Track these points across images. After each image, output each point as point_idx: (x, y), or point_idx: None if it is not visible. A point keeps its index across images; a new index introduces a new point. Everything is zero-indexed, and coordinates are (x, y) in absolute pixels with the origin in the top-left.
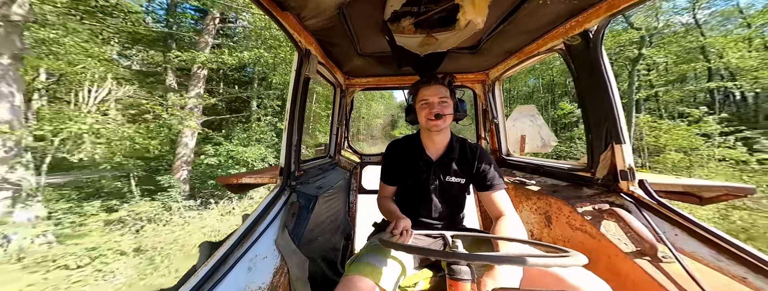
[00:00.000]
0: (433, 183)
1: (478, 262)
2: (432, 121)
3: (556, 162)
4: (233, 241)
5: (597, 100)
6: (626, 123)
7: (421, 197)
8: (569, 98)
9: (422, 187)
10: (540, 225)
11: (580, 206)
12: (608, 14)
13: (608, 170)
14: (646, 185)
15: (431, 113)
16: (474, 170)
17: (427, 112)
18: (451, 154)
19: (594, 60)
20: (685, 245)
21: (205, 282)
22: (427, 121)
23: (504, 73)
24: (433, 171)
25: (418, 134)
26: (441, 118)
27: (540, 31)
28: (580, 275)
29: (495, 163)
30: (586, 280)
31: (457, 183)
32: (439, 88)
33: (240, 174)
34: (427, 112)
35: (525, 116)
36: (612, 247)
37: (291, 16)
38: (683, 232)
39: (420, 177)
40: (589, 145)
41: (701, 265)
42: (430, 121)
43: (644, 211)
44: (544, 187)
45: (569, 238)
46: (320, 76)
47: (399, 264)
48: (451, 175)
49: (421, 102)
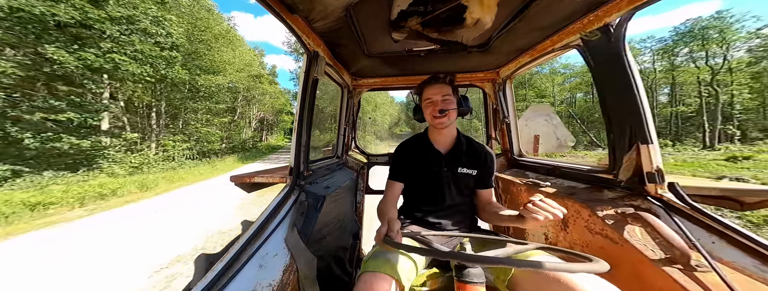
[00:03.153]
0: (446, 174)
1: (487, 264)
2: (437, 118)
3: (574, 163)
4: (246, 239)
5: (620, 98)
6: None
7: (433, 189)
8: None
9: (434, 179)
10: (555, 228)
11: (601, 210)
12: (631, 7)
13: (633, 172)
14: (678, 188)
15: (436, 110)
16: (481, 165)
17: (432, 110)
18: (460, 147)
19: (616, 55)
20: (723, 254)
21: (219, 278)
22: (432, 118)
23: (515, 72)
24: (444, 163)
25: (426, 132)
26: (445, 114)
27: (554, 28)
28: (597, 285)
29: (495, 159)
30: (604, 289)
31: (468, 174)
32: (441, 87)
33: (252, 173)
34: (432, 110)
35: (539, 115)
36: (637, 253)
37: (300, 18)
38: (721, 240)
39: (431, 170)
40: (611, 146)
41: (742, 275)
42: (436, 118)
43: (675, 216)
44: (560, 189)
45: (588, 243)
46: (328, 77)
47: (412, 262)
48: (462, 166)
49: (426, 101)
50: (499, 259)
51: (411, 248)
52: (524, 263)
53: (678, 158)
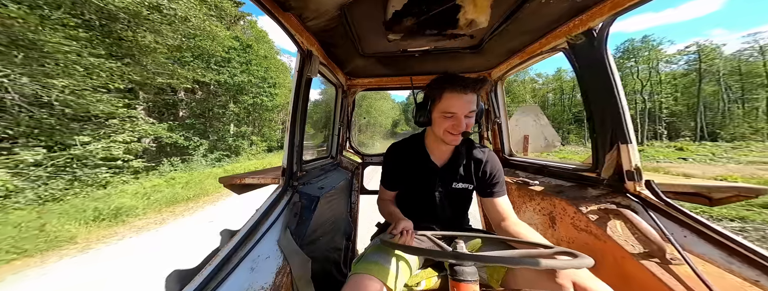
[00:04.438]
0: (438, 190)
1: (479, 262)
2: (452, 136)
3: (561, 162)
4: (236, 242)
5: (602, 99)
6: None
7: (425, 203)
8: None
9: (426, 194)
10: (544, 226)
11: (585, 207)
12: (612, 13)
13: (614, 170)
14: (653, 186)
15: (456, 128)
16: (481, 174)
17: (450, 126)
18: (458, 159)
19: (599, 59)
20: (694, 247)
21: (208, 282)
22: (446, 134)
23: (506, 73)
24: (438, 178)
25: (421, 136)
26: (467, 135)
27: (543, 31)
28: (583, 279)
29: (501, 167)
30: (589, 283)
31: (464, 189)
32: (471, 99)
33: (243, 174)
34: (450, 126)
35: (528, 116)
36: (618, 248)
37: (293, 16)
38: (692, 234)
39: (424, 184)
40: (594, 145)
41: (712, 267)
42: (451, 135)
43: (651, 211)
44: (548, 187)
45: (574, 239)
46: (322, 76)
47: (404, 263)
48: (457, 182)
49: (444, 112)
50: (488, 257)
51: (406, 248)
52: (512, 261)
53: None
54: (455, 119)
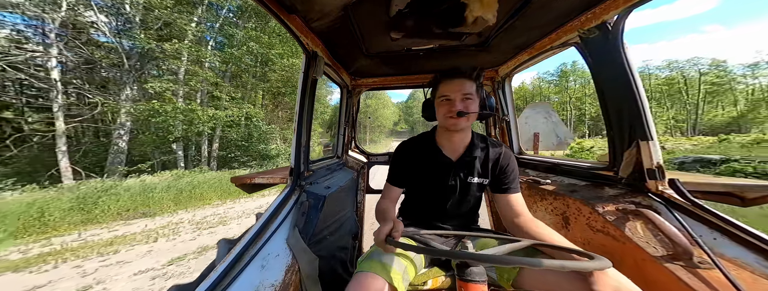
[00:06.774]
0: (453, 183)
1: (487, 263)
2: (451, 119)
3: (574, 160)
4: (248, 240)
5: (619, 95)
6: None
7: (437, 198)
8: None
9: (440, 189)
10: (556, 226)
11: (602, 207)
12: (628, 5)
13: (633, 169)
14: (678, 185)
15: (452, 111)
16: (498, 171)
17: (447, 110)
18: (473, 153)
19: (614, 53)
20: (726, 250)
21: (222, 279)
22: (446, 118)
23: (515, 70)
24: (453, 172)
25: (433, 132)
26: (464, 116)
27: (553, 25)
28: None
29: (516, 163)
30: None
31: (479, 183)
32: (463, 83)
33: (253, 174)
34: (447, 110)
35: (538, 113)
36: (639, 250)
37: (298, 18)
38: (723, 236)
39: (438, 178)
40: (611, 143)
41: (746, 272)
42: (450, 119)
43: (676, 212)
44: (560, 186)
45: (589, 241)
46: (327, 77)
47: (410, 262)
48: (473, 176)
49: (441, 97)
50: (497, 257)
51: (411, 247)
52: (522, 261)
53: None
54: (451, 102)
